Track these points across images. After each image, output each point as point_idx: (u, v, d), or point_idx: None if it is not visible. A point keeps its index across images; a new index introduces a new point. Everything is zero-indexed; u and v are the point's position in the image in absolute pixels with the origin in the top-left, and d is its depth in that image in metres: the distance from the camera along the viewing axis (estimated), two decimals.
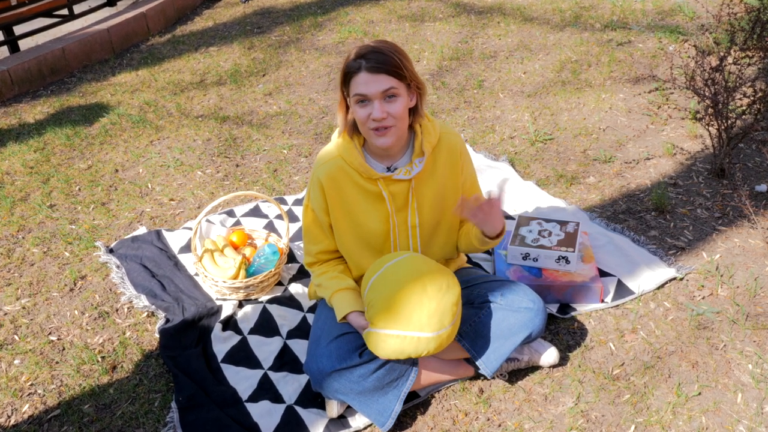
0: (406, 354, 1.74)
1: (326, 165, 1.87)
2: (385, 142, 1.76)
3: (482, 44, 4.65)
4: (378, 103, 1.70)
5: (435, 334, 1.71)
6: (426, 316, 1.70)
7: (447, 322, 1.73)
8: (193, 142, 3.59)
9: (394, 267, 1.77)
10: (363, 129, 1.78)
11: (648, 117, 3.55)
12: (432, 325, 1.71)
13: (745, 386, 1.99)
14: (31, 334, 2.34)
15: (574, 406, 1.96)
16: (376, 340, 1.75)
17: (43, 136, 3.72)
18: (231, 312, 2.34)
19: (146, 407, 2.03)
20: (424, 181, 1.90)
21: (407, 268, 1.76)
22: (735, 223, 2.68)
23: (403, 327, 1.71)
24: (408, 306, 1.71)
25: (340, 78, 1.77)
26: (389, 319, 1.72)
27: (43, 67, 4.44)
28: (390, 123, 1.73)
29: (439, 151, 1.90)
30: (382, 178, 1.86)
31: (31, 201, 3.12)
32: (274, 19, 5.45)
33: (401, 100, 1.73)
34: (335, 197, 1.88)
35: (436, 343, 1.73)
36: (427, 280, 1.73)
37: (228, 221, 2.87)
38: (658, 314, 2.27)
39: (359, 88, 1.70)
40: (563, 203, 2.84)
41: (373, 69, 1.68)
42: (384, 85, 1.69)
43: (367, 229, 1.91)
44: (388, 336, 1.72)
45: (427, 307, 1.70)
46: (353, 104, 1.75)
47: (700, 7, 4.94)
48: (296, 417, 1.95)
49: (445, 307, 1.72)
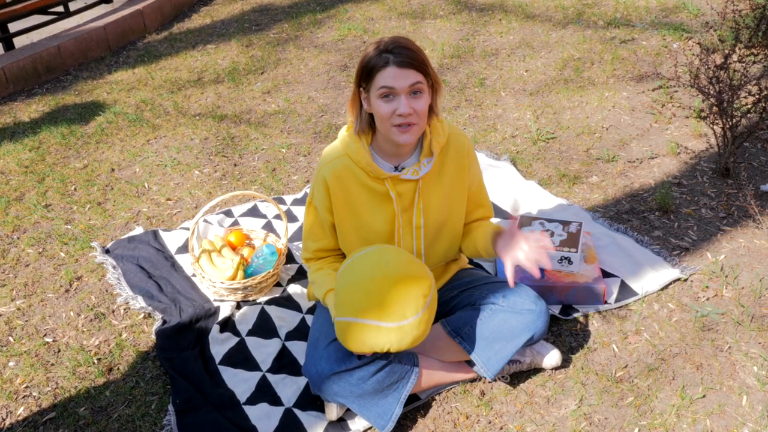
0: (368, 345, 1.70)
1: (332, 163, 1.87)
2: (407, 139, 1.75)
3: (483, 42, 4.65)
4: (405, 98, 1.71)
5: (395, 325, 1.68)
6: (388, 304, 1.66)
7: (410, 314, 1.68)
8: (190, 141, 3.59)
9: (361, 258, 1.76)
10: (384, 125, 1.76)
11: (652, 115, 3.55)
12: (393, 315, 1.67)
13: (750, 389, 1.99)
14: (26, 335, 2.34)
15: (576, 408, 1.96)
16: (341, 330, 1.73)
17: (38, 134, 3.72)
18: (229, 313, 2.34)
19: (143, 410, 2.02)
20: (431, 182, 1.90)
21: (373, 259, 1.74)
22: (740, 223, 2.68)
23: (361, 314, 1.68)
24: (370, 295, 1.68)
25: (358, 73, 1.77)
26: (348, 306, 1.70)
27: (39, 65, 4.44)
28: (414, 120, 1.73)
29: (447, 151, 1.90)
30: (390, 178, 1.85)
31: (26, 201, 3.12)
32: (272, 17, 5.45)
33: (425, 97, 1.75)
34: (340, 196, 1.88)
35: (398, 335, 1.68)
36: (392, 269, 1.69)
37: (226, 221, 2.86)
38: (662, 315, 2.27)
39: (387, 81, 1.70)
40: (566, 203, 2.84)
41: (402, 64, 1.69)
42: (412, 79, 1.70)
43: (371, 229, 1.91)
44: (348, 324, 1.70)
45: (387, 296, 1.66)
46: (376, 99, 1.73)
47: (704, 4, 4.94)
48: (295, 420, 1.94)
49: (407, 298, 1.68)
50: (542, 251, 1.74)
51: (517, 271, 2.35)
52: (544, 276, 2.31)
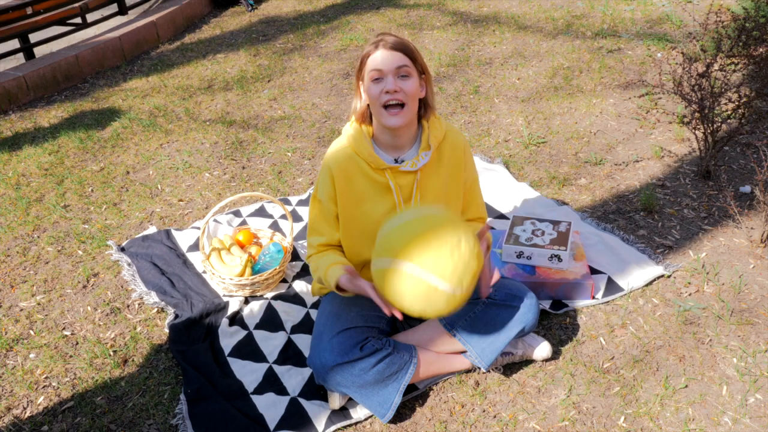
0: (419, 301, 1.52)
1: (336, 154, 1.88)
2: (396, 121, 1.76)
3: (478, 51, 4.65)
4: (392, 77, 1.74)
5: (451, 291, 1.51)
6: (451, 267, 1.50)
7: (465, 285, 1.52)
8: (201, 145, 3.59)
9: (428, 216, 1.57)
10: (375, 108, 1.78)
11: (637, 121, 3.55)
12: (453, 281, 1.50)
13: (730, 379, 1.99)
14: (45, 329, 2.34)
15: (566, 398, 1.96)
16: (402, 280, 1.51)
17: (57, 139, 3.73)
18: (237, 308, 2.34)
19: (156, 399, 2.03)
20: (429, 175, 1.90)
21: (444, 218, 1.57)
22: (720, 223, 2.68)
23: (425, 266, 1.49)
24: (439, 250, 1.50)
25: (357, 66, 1.82)
26: (414, 254, 1.49)
27: (58, 74, 4.44)
28: (401, 98, 1.74)
29: (444, 147, 1.91)
30: (390, 169, 1.86)
31: (46, 201, 3.12)
32: (278, 28, 5.45)
33: (413, 81, 1.77)
34: (344, 186, 1.88)
35: (446, 303, 1.53)
36: (462, 235, 1.53)
37: (234, 221, 2.87)
38: (647, 310, 2.27)
39: (375, 63, 1.75)
40: (556, 204, 2.84)
41: (390, 47, 1.75)
42: (398, 61, 1.74)
43: (373, 219, 1.90)
44: (406, 275, 1.51)
45: (454, 260, 1.50)
46: (368, 83, 1.77)
47: (687, 15, 4.94)
48: (300, 408, 1.95)
49: (466, 268, 1.51)
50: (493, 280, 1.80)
51: (510, 267, 2.35)
52: (536, 273, 2.31)
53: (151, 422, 1.95)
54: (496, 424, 1.89)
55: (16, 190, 3.24)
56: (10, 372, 2.16)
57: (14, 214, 3.04)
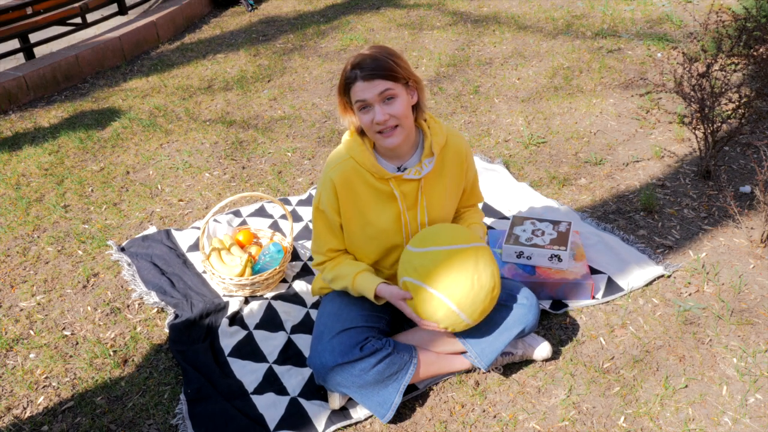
0: (442, 322, 1.77)
1: (338, 166, 1.86)
2: (392, 142, 1.77)
3: (478, 51, 4.65)
4: (378, 107, 1.72)
5: (469, 321, 1.78)
6: (471, 299, 1.74)
7: (477, 315, 1.77)
8: (201, 145, 3.59)
9: (455, 251, 1.76)
10: (370, 134, 1.80)
11: (637, 121, 3.55)
12: (473, 315, 1.76)
13: (730, 379, 1.99)
14: (45, 329, 2.34)
15: (566, 398, 1.96)
16: (427, 300, 1.75)
17: (57, 139, 3.72)
18: (237, 308, 2.34)
19: (156, 399, 2.03)
20: (433, 181, 1.90)
21: (467, 251, 1.76)
22: (720, 223, 2.68)
23: (453, 298, 1.73)
24: (466, 286, 1.73)
25: (339, 87, 1.80)
26: (446, 286, 1.73)
27: (58, 74, 4.44)
28: (393, 123, 1.75)
29: (447, 152, 1.91)
30: (394, 178, 1.86)
31: (46, 201, 3.12)
32: (278, 28, 5.45)
33: (400, 100, 1.75)
34: (347, 197, 1.87)
35: (465, 326, 1.80)
36: (481, 264, 1.75)
37: (234, 221, 2.86)
38: (647, 310, 2.27)
39: (358, 95, 1.73)
40: (556, 204, 2.84)
41: (368, 77, 1.71)
42: (379, 88, 1.72)
43: (378, 228, 1.90)
44: (440, 301, 1.73)
45: (476, 292, 1.74)
46: (357, 111, 1.77)
47: (687, 15, 4.94)
48: (300, 408, 1.95)
49: (485, 301, 1.76)
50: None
51: (510, 267, 2.35)
52: (536, 273, 2.31)
53: (151, 422, 1.95)
54: (496, 424, 1.89)
55: (16, 190, 3.23)
56: (10, 372, 2.16)
57: (14, 214, 3.04)
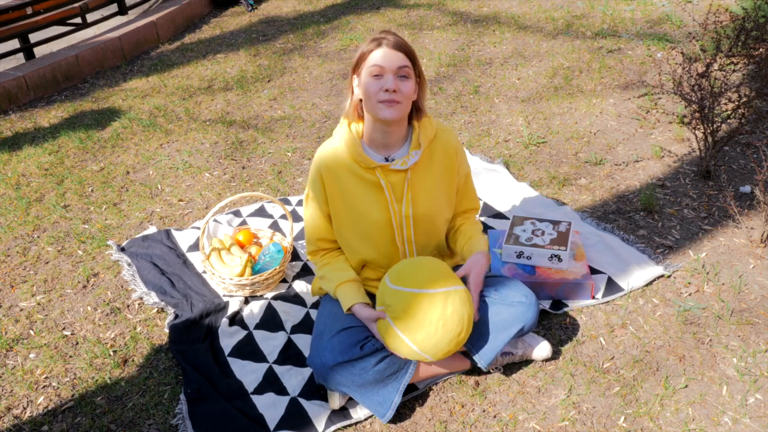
0: (407, 356, 1.80)
1: (326, 155, 1.90)
2: (391, 113, 1.77)
3: (478, 51, 4.65)
4: (392, 76, 1.76)
5: (433, 360, 1.80)
6: (434, 342, 1.74)
7: (440, 355, 1.77)
8: (201, 145, 3.59)
9: (424, 295, 1.75)
10: (370, 103, 1.79)
11: (637, 121, 3.55)
12: (437, 355, 1.78)
13: (730, 379, 1.99)
14: (45, 329, 2.34)
15: (566, 398, 1.96)
16: (393, 337, 1.78)
17: (57, 139, 3.72)
18: (237, 308, 2.34)
19: (156, 399, 2.03)
20: (420, 174, 1.91)
21: (439, 295, 1.75)
22: (720, 223, 2.68)
23: (415, 342, 1.75)
24: (429, 331, 1.73)
25: (354, 62, 1.82)
26: (410, 329, 1.75)
27: (58, 74, 4.44)
28: (398, 98, 1.77)
29: (436, 146, 1.92)
30: (380, 168, 1.86)
31: (46, 201, 3.12)
32: (278, 28, 5.45)
33: (410, 83, 1.79)
34: (334, 187, 1.89)
35: (430, 360, 1.83)
36: (450, 309, 1.74)
37: (234, 221, 2.87)
38: (647, 310, 2.27)
39: (378, 59, 1.76)
40: (556, 204, 2.84)
41: (393, 46, 1.76)
42: (400, 61, 1.76)
43: (367, 219, 1.91)
44: (403, 341, 1.76)
45: (439, 337, 1.74)
46: (366, 78, 1.78)
47: (687, 15, 4.94)
48: (300, 408, 1.95)
49: (450, 345, 1.76)
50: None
51: (510, 267, 2.35)
52: (536, 273, 2.31)
53: (151, 422, 1.95)
54: (496, 424, 1.89)
55: (16, 190, 3.23)
56: (10, 372, 2.16)
57: (14, 214, 3.04)
